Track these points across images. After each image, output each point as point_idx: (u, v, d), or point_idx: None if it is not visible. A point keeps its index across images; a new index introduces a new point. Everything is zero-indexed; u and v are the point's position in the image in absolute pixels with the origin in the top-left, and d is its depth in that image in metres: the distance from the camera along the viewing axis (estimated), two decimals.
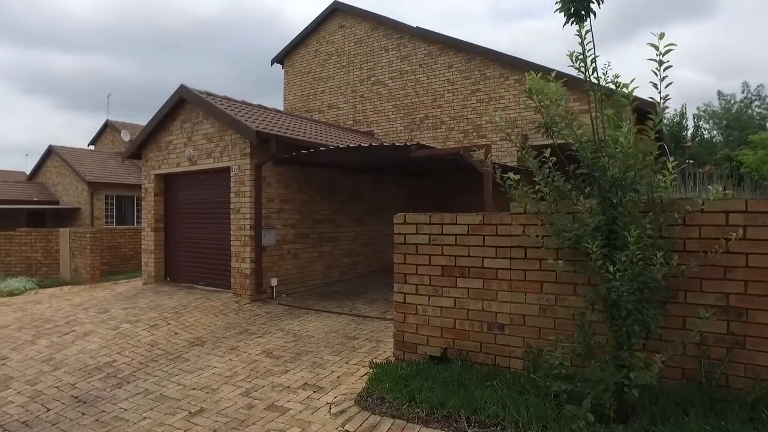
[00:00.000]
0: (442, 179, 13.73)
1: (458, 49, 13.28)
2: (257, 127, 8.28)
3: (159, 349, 6.10)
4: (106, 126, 27.48)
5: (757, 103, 26.59)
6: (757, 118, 25.33)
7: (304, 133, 9.90)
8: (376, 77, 14.81)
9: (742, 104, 26.25)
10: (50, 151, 22.90)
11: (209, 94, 9.42)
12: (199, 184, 9.67)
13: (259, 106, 10.86)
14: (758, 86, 27.15)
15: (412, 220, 4.83)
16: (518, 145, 4.36)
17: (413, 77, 14.08)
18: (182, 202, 10.09)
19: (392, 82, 14.49)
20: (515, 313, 4.30)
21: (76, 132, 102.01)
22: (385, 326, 6.77)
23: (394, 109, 14.39)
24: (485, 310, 4.43)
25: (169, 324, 7.04)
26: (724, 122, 25.99)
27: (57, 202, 22.25)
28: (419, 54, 14.00)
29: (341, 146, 8.05)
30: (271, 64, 17.19)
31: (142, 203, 10.59)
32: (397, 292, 4.95)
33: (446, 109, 13.42)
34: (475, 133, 12.75)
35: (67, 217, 21.44)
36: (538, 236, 4.06)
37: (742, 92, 27.44)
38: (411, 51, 14.16)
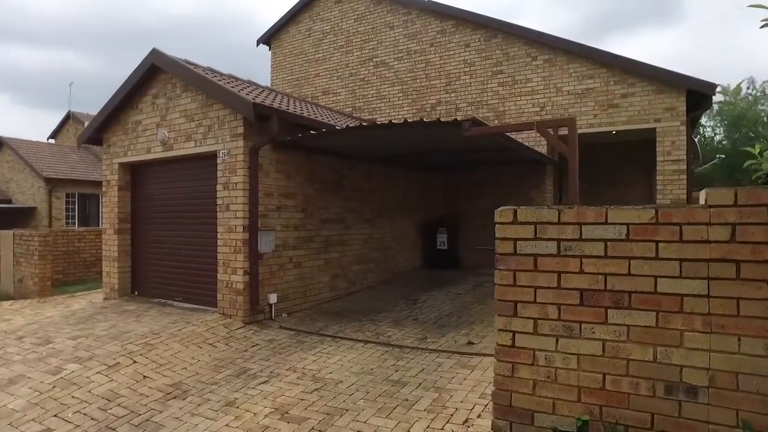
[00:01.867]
0: (459, 174, 12.04)
1: (476, 26, 11.61)
2: (254, 99, 6.41)
3: (119, 406, 4.18)
4: (69, 118, 24.89)
5: (762, 100, 25.94)
6: (764, 115, 24.69)
7: (309, 112, 8.05)
8: (380, 58, 13.03)
9: (748, 101, 25.50)
10: (1, 144, 20.35)
11: (188, 63, 7.49)
12: (176, 175, 7.72)
13: (250, 82, 8.96)
14: (764, 82, 26.55)
15: (529, 216, 3.08)
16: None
17: (423, 58, 12.36)
18: (154, 198, 8.11)
19: (398, 63, 12.74)
20: (719, 369, 2.60)
21: (44, 130, 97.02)
22: (434, 362, 5.00)
23: (401, 95, 12.63)
24: (661, 362, 2.72)
25: (135, 362, 5.10)
26: (726, 121, 25.30)
27: (9, 201, 19.73)
28: (430, 31, 12.28)
29: (365, 124, 6.25)
30: (257, 45, 15.23)
31: (104, 199, 8.55)
32: (501, 330, 3.18)
33: (462, 93, 11.73)
34: (497, 121, 11.08)
35: (21, 217, 18.97)
36: None
37: (747, 89, 26.77)
38: (420, 28, 12.43)
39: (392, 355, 5.34)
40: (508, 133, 6.91)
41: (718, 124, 27.21)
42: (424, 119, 5.76)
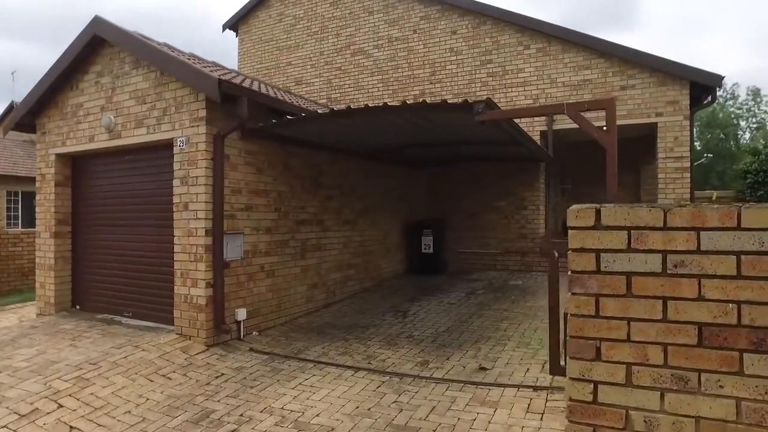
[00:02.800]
0: (445, 171, 11.18)
1: (464, 11, 10.76)
2: (220, 77, 5.32)
3: None
4: (12, 108, 22.80)
5: (730, 102, 26.30)
6: (733, 117, 25.04)
7: (283, 97, 6.99)
8: (358, 46, 12.04)
9: (719, 103, 25.77)
10: None
11: (140, 35, 6.31)
12: (126, 168, 6.53)
13: (215, 63, 7.81)
14: (733, 85, 26.90)
15: (619, 218, 2.17)
16: None
17: (405, 45, 11.43)
18: (100, 196, 6.88)
19: (378, 51, 11.77)
20: None
21: None
22: (445, 397, 4.06)
23: (380, 85, 11.67)
24: None
25: (60, 406, 3.96)
26: (698, 122, 25.50)
27: None
28: (413, 17, 11.37)
29: (354, 107, 5.29)
30: (222, 31, 13.99)
31: (38, 197, 7.24)
32: (575, 379, 2.25)
33: (448, 84, 10.87)
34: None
35: None
36: None
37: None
38: (402, 14, 11.50)
39: (391, 387, 4.37)
40: (516, 122, 6.05)
41: None
42: (427, 101, 4.78)
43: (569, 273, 2.25)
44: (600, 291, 2.19)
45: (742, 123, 26.65)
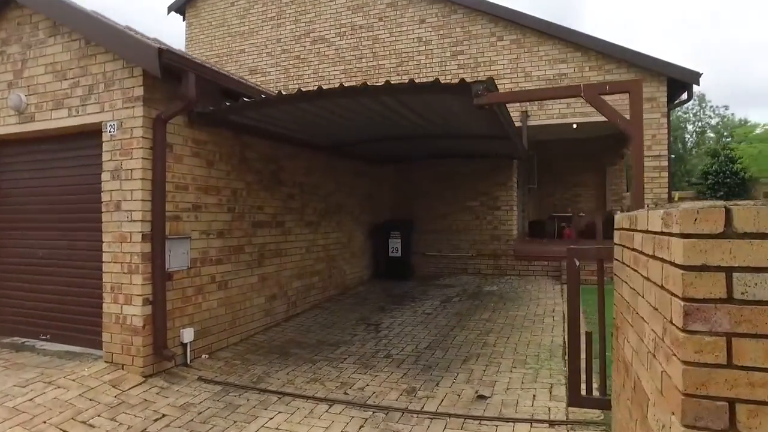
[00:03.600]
0: (413, 168, 10.49)
1: None
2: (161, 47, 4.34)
3: None
4: None
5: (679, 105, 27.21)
6: (681, 121, 25.87)
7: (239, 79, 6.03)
8: (318, 33, 11.14)
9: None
10: None
11: None
12: (42, 160, 5.38)
13: (157, 41, 6.72)
14: None
15: (762, 223, 1.45)
16: None
17: (370, 34, 10.65)
18: (9, 193, 5.68)
19: (340, 39, 10.92)
20: None
21: None
22: None
23: (343, 76, 10.83)
24: None
25: None
26: None
27: None
28: (379, 4, 10.61)
29: (326, 88, 4.48)
30: (168, 13, 12.71)
31: None
32: None
33: (416, 76, 10.16)
34: None
35: None
36: None
37: None
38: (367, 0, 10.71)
39: (376, 425, 3.56)
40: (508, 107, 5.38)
41: None
42: (415, 80, 4.01)
43: (683, 304, 1.53)
44: (734, 329, 1.47)
45: (689, 126, 27.71)
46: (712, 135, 25.64)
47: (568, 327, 3.55)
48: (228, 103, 4.79)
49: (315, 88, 4.42)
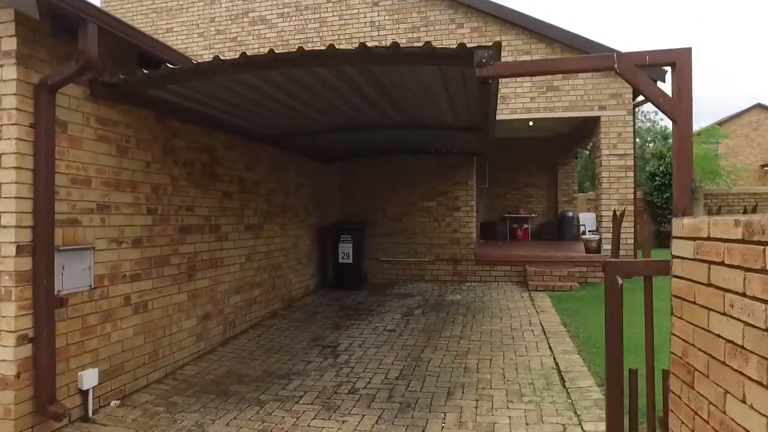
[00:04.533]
0: (365, 165, 9.56)
1: None
2: None
3: None
4: None
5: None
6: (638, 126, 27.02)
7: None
8: (258, 13, 9.95)
9: None
10: None
11: None
12: None
13: None
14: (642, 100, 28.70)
15: None
16: None
17: (317, 16, 9.61)
18: None
19: (283, 21, 9.80)
20: None
21: None
22: None
23: None
24: None
25: None
26: None
27: None
28: None
29: (292, 51, 3.48)
30: None
31: None
32: None
33: None
34: None
35: None
36: None
37: None
38: None
39: None
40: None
41: None
42: (400, 44, 3.09)
43: None
44: None
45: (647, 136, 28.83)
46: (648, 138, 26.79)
47: (607, 366, 2.75)
48: (146, 71, 3.62)
49: (266, 53, 3.38)
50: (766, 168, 19.72)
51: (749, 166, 23.20)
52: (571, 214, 12.93)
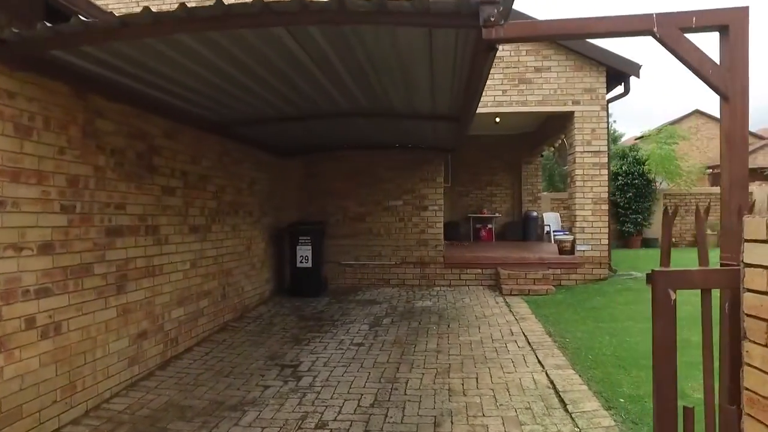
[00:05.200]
0: (325, 161, 8.83)
1: None
2: None
3: None
4: None
5: None
6: None
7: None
8: None
9: None
10: None
11: None
12: None
13: None
14: None
15: None
16: None
17: None
18: None
19: None
20: None
21: None
22: None
23: None
24: None
25: None
26: None
27: None
28: None
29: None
30: None
31: None
32: None
33: None
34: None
35: None
36: None
37: None
38: None
39: None
40: None
41: None
42: None
43: None
44: None
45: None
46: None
47: (657, 404, 2.18)
48: (49, 25, 2.78)
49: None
50: (710, 170, 20.38)
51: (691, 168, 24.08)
52: (535, 213, 12.66)
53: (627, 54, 7.81)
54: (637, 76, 7.80)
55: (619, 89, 8.19)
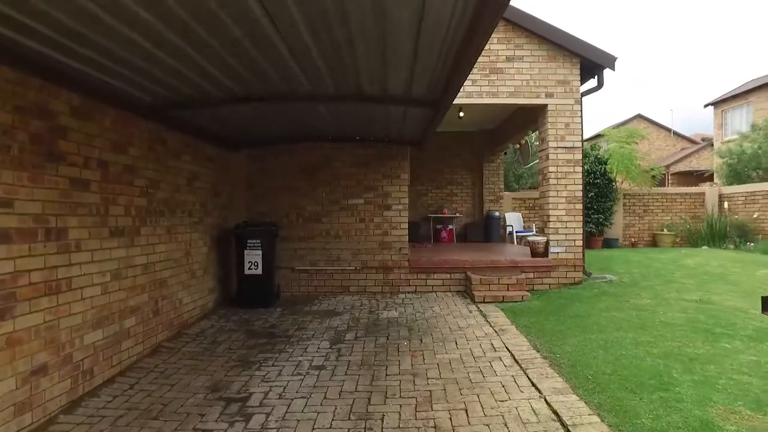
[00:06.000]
0: (276, 154, 7.93)
1: None
2: None
3: None
4: None
5: None
6: None
7: None
8: None
9: None
10: None
11: None
12: None
13: None
14: None
15: None
16: None
17: None
18: None
19: None
20: None
21: None
22: None
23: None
24: None
25: None
26: None
27: None
28: None
29: None
30: None
31: None
32: None
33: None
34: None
35: None
36: None
37: None
38: None
39: None
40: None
41: None
42: None
43: None
44: None
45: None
46: None
47: None
48: None
49: None
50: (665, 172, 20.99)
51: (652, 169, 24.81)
52: (497, 213, 12.23)
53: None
54: (612, 68, 7.40)
55: (593, 83, 7.78)
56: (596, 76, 7.70)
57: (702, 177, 24.41)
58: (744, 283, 7.53)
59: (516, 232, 12.01)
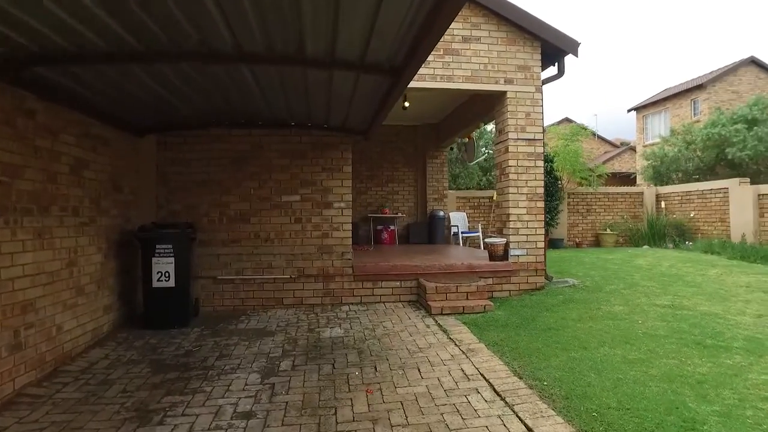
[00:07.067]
0: (192, 141, 6.64)
1: None
2: None
3: None
4: None
5: None
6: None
7: None
8: None
9: None
10: None
11: None
12: None
13: None
14: None
15: None
16: None
17: None
18: None
19: None
20: None
21: None
22: None
23: None
24: None
25: None
26: None
27: None
28: None
29: None
30: None
31: None
32: None
33: None
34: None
35: None
36: None
37: None
38: None
39: None
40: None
41: None
42: None
43: None
44: None
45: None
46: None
47: None
48: None
49: None
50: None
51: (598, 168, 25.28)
52: (442, 213, 11.50)
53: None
54: (576, 54, 6.81)
55: (553, 70, 7.17)
56: (557, 63, 7.09)
57: (627, 178, 25.35)
58: (704, 285, 7.22)
59: (461, 232, 11.35)
